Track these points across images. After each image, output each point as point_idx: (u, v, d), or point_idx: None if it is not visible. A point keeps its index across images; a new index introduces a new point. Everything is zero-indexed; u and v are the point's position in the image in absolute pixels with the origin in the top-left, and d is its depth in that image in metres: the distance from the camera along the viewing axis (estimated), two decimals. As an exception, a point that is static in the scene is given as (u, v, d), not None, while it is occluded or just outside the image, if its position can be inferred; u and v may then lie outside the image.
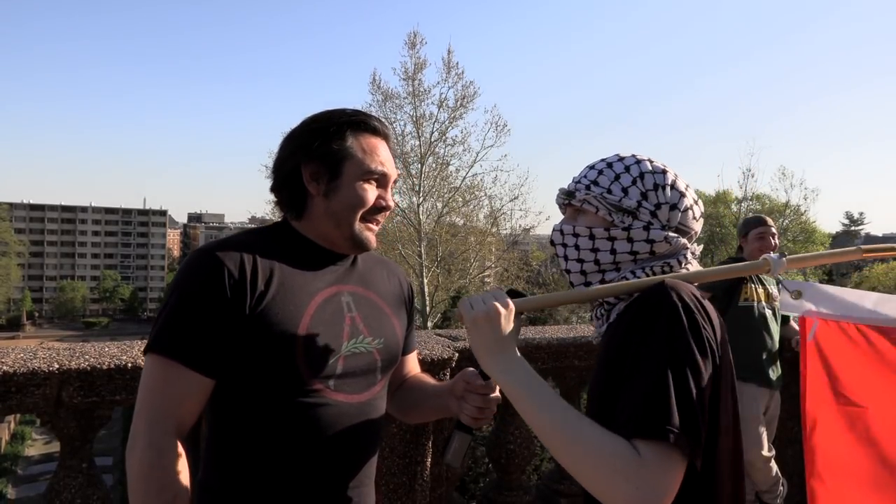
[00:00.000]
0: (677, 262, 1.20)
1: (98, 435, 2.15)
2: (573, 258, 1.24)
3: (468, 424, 1.33)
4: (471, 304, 1.17)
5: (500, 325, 1.14)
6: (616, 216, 1.19)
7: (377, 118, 1.37)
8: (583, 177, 1.25)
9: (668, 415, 0.96)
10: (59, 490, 2.03)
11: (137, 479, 1.15)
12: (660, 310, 1.05)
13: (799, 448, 3.80)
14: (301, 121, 1.35)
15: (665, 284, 1.10)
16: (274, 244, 1.30)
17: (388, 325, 1.40)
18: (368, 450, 1.36)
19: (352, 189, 1.30)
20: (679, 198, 1.20)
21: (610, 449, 0.96)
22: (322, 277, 1.31)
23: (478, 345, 1.15)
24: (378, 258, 1.50)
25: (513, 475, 2.96)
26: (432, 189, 20.61)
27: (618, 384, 1.06)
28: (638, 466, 0.94)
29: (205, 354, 1.18)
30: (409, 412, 1.57)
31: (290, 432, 1.24)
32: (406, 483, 2.55)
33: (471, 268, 21.71)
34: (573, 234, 1.23)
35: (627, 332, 1.08)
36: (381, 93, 20.78)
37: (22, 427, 34.83)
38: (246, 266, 1.21)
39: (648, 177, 1.20)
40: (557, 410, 1.04)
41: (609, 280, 1.21)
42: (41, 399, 1.93)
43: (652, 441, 0.96)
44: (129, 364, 2.01)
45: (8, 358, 1.97)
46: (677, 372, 0.99)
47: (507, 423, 2.94)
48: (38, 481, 25.78)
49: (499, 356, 1.13)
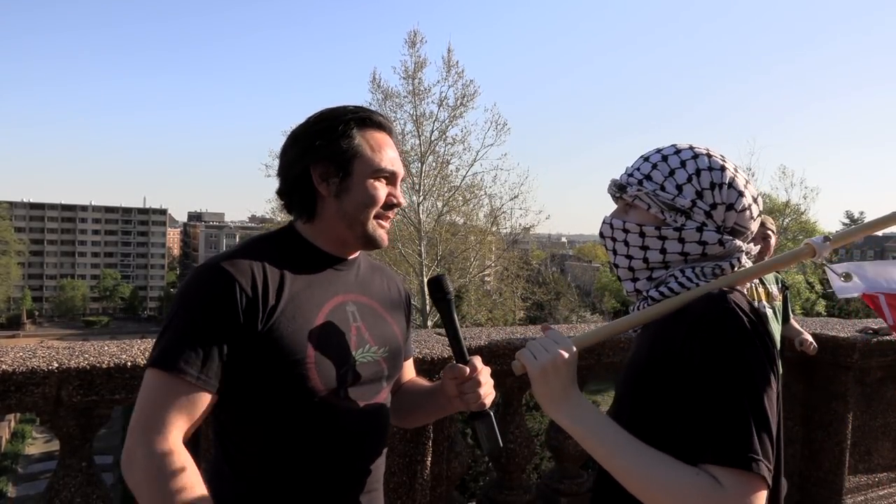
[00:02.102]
0: (730, 264, 1.15)
1: (98, 434, 2.14)
2: (622, 253, 1.19)
3: (480, 409, 1.30)
4: (532, 353, 1.12)
5: (567, 373, 1.10)
6: (668, 215, 1.14)
7: (381, 113, 1.36)
8: (636, 169, 1.19)
9: (749, 442, 0.94)
10: (58, 489, 2.03)
11: (147, 492, 1.08)
12: (726, 324, 1.01)
13: (799, 448, 3.80)
14: (304, 121, 1.33)
15: (725, 295, 1.05)
16: (281, 253, 1.28)
17: (390, 334, 1.39)
18: (378, 456, 1.36)
19: (363, 188, 1.28)
20: (737, 197, 1.14)
21: (691, 484, 0.94)
22: (328, 287, 1.30)
23: (545, 395, 1.11)
24: (375, 264, 1.49)
25: (513, 474, 2.96)
26: (432, 188, 20.59)
27: (665, 394, 1.04)
28: (723, 498, 0.92)
29: (214, 373, 1.15)
30: (406, 417, 1.54)
31: (302, 443, 1.23)
32: (406, 482, 2.54)
33: (471, 267, 21.70)
34: (623, 229, 1.18)
35: (687, 344, 1.03)
36: (382, 91, 20.80)
37: (22, 425, 34.84)
38: (258, 282, 1.19)
39: (705, 174, 1.13)
40: (632, 452, 1.01)
41: (657, 277, 1.17)
42: (41, 398, 1.92)
43: (733, 469, 0.94)
44: (128, 363, 2.01)
45: (7, 357, 1.97)
46: (754, 395, 0.97)
47: (506, 423, 2.94)
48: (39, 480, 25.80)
49: (566, 404, 1.10)
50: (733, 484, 0.93)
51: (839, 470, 3.68)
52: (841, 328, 3.91)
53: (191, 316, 1.16)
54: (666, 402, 1.04)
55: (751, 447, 0.94)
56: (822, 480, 3.73)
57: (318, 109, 1.35)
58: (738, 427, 0.95)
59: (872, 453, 3.85)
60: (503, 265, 22.54)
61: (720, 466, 0.94)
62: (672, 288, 1.14)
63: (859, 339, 3.61)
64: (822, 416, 3.74)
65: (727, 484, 0.93)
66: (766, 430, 0.96)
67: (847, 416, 3.66)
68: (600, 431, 1.06)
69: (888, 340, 3.70)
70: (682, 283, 1.13)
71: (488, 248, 22.41)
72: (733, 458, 0.94)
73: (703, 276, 1.13)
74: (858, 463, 3.78)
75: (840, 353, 3.60)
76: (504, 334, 2.87)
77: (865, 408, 3.81)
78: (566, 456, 3.07)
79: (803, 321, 4.06)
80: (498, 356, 2.63)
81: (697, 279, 1.13)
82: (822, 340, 3.56)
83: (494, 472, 3.09)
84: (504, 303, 22.77)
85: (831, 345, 3.61)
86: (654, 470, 0.98)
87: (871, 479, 3.84)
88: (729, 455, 0.94)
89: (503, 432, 2.93)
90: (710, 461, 0.95)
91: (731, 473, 0.94)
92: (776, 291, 3.57)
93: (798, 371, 3.78)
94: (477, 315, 21.33)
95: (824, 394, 3.74)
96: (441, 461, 2.67)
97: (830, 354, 3.60)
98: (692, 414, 0.99)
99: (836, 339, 3.63)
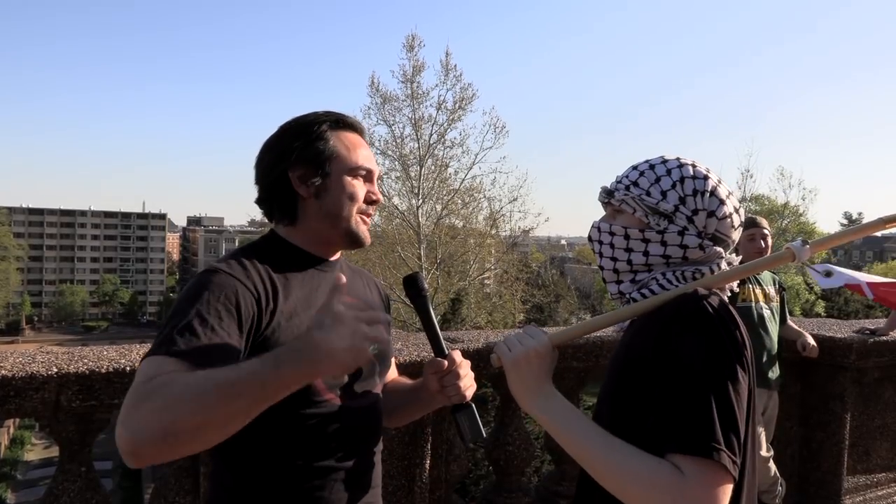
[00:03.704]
0: (709, 270, 1.19)
1: (97, 439, 2.14)
2: (607, 256, 1.25)
3: (462, 402, 1.33)
4: (507, 346, 1.17)
5: (539, 366, 1.15)
6: (652, 219, 1.19)
7: (351, 116, 1.38)
8: (624, 176, 1.25)
9: (711, 432, 0.96)
10: (58, 494, 2.03)
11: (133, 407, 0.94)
12: (696, 321, 1.05)
13: (797, 449, 3.81)
14: (276, 129, 1.35)
15: (698, 294, 1.08)
16: (268, 258, 1.28)
17: (379, 332, 1.40)
18: (376, 453, 1.39)
19: (342, 186, 1.30)
20: (718, 205, 1.18)
21: (653, 471, 0.97)
22: (318, 288, 1.31)
23: (517, 387, 1.16)
24: (354, 267, 1.50)
25: (512, 477, 2.96)
26: (431, 191, 20.58)
27: (639, 391, 1.06)
28: (683, 485, 0.94)
29: (216, 360, 1.08)
30: (392, 415, 1.54)
31: (305, 442, 1.24)
32: (405, 485, 2.55)
33: (470, 270, 21.70)
34: (609, 232, 1.24)
35: (659, 342, 1.07)
36: (380, 95, 20.77)
37: (21, 431, 34.79)
38: (257, 285, 1.20)
39: (689, 182, 1.19)
40: (597, 440, 1.05)
41: (640, 280, 1.21)
42: (40, 403, 1.93)
43: (695, 458, 0.96)
44: (127, 368, 2.01)
45: (7, 362, 1.97)
46: (720, 390, 0.99)
47: (506, 425, 2.94)
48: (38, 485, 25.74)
49: (538, 397, 1.14)
50: (694, 472, 0.95)
51: (837, 471, 3.68)
52: (838, 329, 3.92)
53: (195, 310, 1.11)
54: (641, 398, 1.07)
55: (713, 437, 0.96)
56: (821, 481, 3.74)
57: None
58: (701, 418, 0.97)
59: (871, 454, 3.86)
60: (503, 268, 22.54)
61: (682, 455, 0.96)
62: (652, 290, 1.18)
63: (856, 339, 3.62)
64: (820, 417, 3.75)
65: (688, 472, 0.95)
66: (731, 424, 0.98)
67: (845, 416, 3.67)
68: (570, 424, 1.10)
69: (885, 341, 3.71)
70: (663, 284, 1.18)
71: (488, 250, 22.42)
72: (695, 447, 0.96)
73: (684, 278, 1.18)
74: (857, 463, 3.79)
75: (837, 353, 3.61)
76: (504, 337, 2.87)
77: (863, 408, 3.82)
78: (566, 458, 3.08)
79: (801, 322, 4.08)
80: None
81: (677, 282, 1.18)
82: (820, 341, 3.57)
83: (494, 474, 3.10)
84: (504, 305, 22.77)
85: (828, 345, 3.62)
86: (619, 459, 1.01)
87: (869, 479, 3.85)
88: (690, 444, 0.96)
89: (502, 434, 2.96)
90: (673, 450, 0.97)
91: (692, 462, 0.95)
92: (773, 292, 3.58)
93: (796, 372, 3.79)
94: (477, 318, 21.32)
95: (822, 394, 3.75)
96: (440, 464, 2.68)
97: (828, 355, 3.61)
98: (660, 408, 1.02)
99: (834, 340, 3.64)
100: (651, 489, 0.96)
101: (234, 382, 0.93)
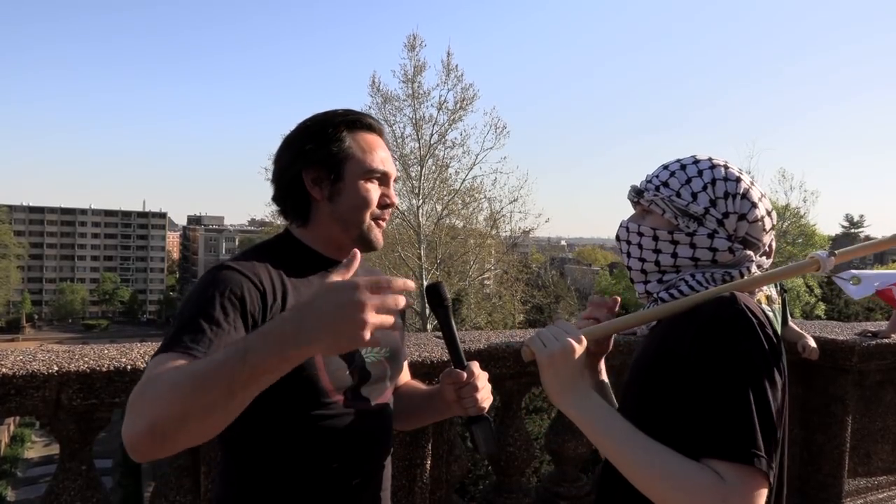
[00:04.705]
0: (739, 273, 1.18)
1: (97, 437, 2.14)
2: (635, 256, 1.24)
3: (478, 414, 1.32)
4: (542, 341, 1.13)
5: (575, 363, 1.11)
6: (682, 220, 1.18)
7: (370, 115, 1.37)
8: (655, 176, 1.23)
9: (752, 438, 0.96)
10: (58, 492, 2.03)
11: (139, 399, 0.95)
12: (736, 325, 1.03)
13: (797, 450, 3.80)
14: (295, 127, 1.33)
15: (736, 300, 1.07)
16: (280, 258, 1.27)
17: (391, 334, 1.40)
18: (386, 456, 1.37)
19: (356, 190, 1.29)
20: (749, 208, 1.17)
21: (693, 477, 0.96)
22: None
23: (552, 383, 1.12)
24: (368, 267, 1.49)
25: (512, 477, 2.96)
26: (432, 191, 20.58)
27: (672, 390, 1.05)
28: (724, 492, 0.94)
29: None
30: (405, 420, 1.54)
31: (314, 444, 1.23)
32: (406, 486, 2.54)
33: (470, 270, 21.69)
34: (637, 232, 1.23)
35: (697, 343, 1.05)
36: (381, 95, 20.78)
37: (22, 429, 34.80)
38: (265, 283, 1.19)
39: (720, 184, 1.17)
40: (635, 441, 1.03)
41: (667, 280, 1.20)
42: (40, 401, 1.92)
43: (735, 464, 0.95)
44: (128, 366, 2.01)
45: (7, 360, 1.97)
46: (759, 394, 0.99)
47: (506, 426, 2.94)
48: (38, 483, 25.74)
49: (574, 394, 1.11)
50: (735, 479, 0.95)
51: (838, 473, 3.68)
52: (840, 331, 3.91)
53: (201, 306, 1.11)
54: (672, 399, 1.06)
55: (754, 443, 0.95)
56: (822, 484, 3.73)
57: (314, 113, 1.35)
58: (742, 423, 0.97)
59: (872, 456, 3.85)
60: (503, 268, 22.53)
61: (723, 461, 0.96)
62: (682, 290, 1.17)
63: (858, 342, 3.61)
64: (821, 419, 3.74)
65: (729, 479, 0.95)
66: (769, 428, 0.97)
67: (846, 419, 3.66)
68: (607, 423, 1.08)
69: (887, 344, 3.71)
70: (692, 286, 1.17)
71: (488, 251, 22.40)
72: (736, 453, 0.95)
73: (713, 280, 1.16)
74: (858, 466, 3.78)
75: (839, 356, 3.60)
76: (503, 337, 2.87)
77: (864, 411, 3.81)
78: (566, 459, 3.07)
79: (802, 324, 4.07)
80: (497, 359, 2.64)
81: (707, 283, 1.16)
82: (821, 343, 3.57)
83: (494, 475, 3.09)
84: (504, 306, 22.76)
85: (830, 348, 3.61)
86: (659, 463, 0.99)
87: (870, 482, 3.84)
88: (732, 450, 0.96)
89: (502, 435, 2.96)
90: (713, 456, 0.96)
91: (733, 468, 0.95)
92: (775, 294, 3.57)
93: (797, 374, 3.78)
94: (476, 318, 21.32)
95: (823, 397, 3.74)
96: (440, 464, 2.68)
97: (829, 357, 3.60)
98: (698, 411, 1.01)
99: (835, 342, 3.63)
100: (692, 495, 0.95)
101: (206, 373, 0.91)
